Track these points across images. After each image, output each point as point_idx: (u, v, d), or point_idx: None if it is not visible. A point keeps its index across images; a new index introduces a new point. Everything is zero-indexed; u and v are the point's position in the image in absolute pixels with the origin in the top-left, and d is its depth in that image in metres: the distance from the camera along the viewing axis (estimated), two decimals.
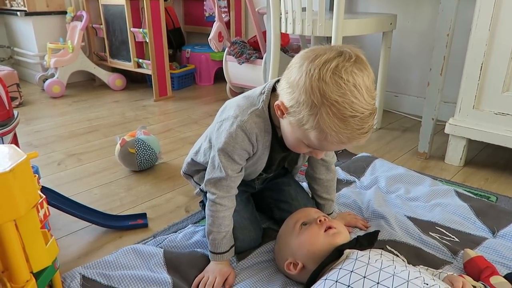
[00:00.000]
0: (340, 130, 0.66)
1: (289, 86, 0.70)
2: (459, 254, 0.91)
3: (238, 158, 0.83)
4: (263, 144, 0.83)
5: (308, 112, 0.67)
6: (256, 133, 0.81)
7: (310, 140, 0.72)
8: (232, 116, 0.81)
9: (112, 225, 1.07)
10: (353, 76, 0.65)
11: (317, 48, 0.70)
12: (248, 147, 0.82)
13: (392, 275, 0.64)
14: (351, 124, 0.66)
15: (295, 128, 0.73)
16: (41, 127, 1.91)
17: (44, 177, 1.37)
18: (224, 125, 0.82)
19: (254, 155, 0.85)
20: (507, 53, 1.24)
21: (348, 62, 0.65)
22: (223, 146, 0.81)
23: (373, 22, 1.58)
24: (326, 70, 0.65)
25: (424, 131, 1.49)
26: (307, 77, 0.66)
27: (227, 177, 0.83)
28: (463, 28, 1.50)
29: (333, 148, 0.74)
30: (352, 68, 0.65)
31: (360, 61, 0.67)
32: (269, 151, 0.86)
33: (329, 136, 0.68)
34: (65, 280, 0.82)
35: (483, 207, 1.10)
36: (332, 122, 0.66)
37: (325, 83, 0.65)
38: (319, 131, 0.68)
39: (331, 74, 0.65)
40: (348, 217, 1.05)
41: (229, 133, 0.80)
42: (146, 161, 1.38)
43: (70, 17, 2.57)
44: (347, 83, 0.64)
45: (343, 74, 0.64)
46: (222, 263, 0.87)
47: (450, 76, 1.69)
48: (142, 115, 2.09)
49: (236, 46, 2.19)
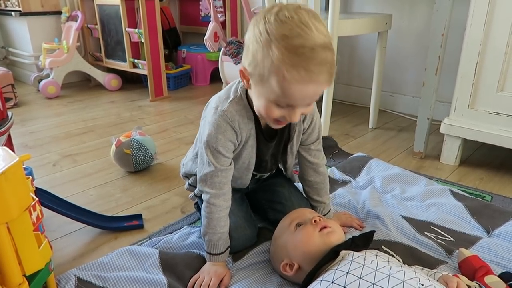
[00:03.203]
0: (295, 62, 0.66)
1: (245, 49, 0.73)
2: (454, 253, 0.91)
3: (223, 150, 0.83)
4: (247, 132, 0.84)
5: (261, 56, 0.69)
6: (237, 120, 0.82)
7: (275, 92, 0.71)
8: (213, 107, 0.84)
9: (108, 226, 1.07)
10: (297, 14, 0.67)
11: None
12: (232, 136, 0.83)
13: (387, 276, 0.65)
14: (305, 54, 0.66)
15: (259, 89, 0.74)
16: (36, 128, 1.90)
17: (39, 178, 1.36)
18: (207, 117, 0.85)
19: (239, 145, 0.86)
20: (501, 53, 1.25)
21: (291, 5, 0.69)
22: (207, 138, 0.82)
23: (369, 22, 1.58)
24: (270, 14, 0.69)
25: (419, 131, 1.50)
26: (255, 27, 0.70)
27: (217, 171, 0.83)
28: (458, 28, 1.50)
29: (298, 93, 0.70)
30: (296, 9, 0.68)
31: (307, 9, 0.70)
32: (256, 143, 0.87)
33: (287, 73, 0.67)
34: (59, 282, 0.82)
35: (478, 207, 1.11)
36: (284, 55, 0.66)
37: (270, 23, 0.68)
38: (276, 72, 0.68)
39: (275, 16, 0.68)
40: (343, 217, 1.05)
41: (211, 124, 0.82)
42: (141, 162, 1.38)
43: (65, 17, 2.56)
44: (292, 19, 0.67)
45: (286, 13, 0.67)
46: (217, 264, 0.87)
47: (445, 76, 1.69)
48: (138, 115, 2.09)
49: (231, 46, 2.18)
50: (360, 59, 2.18)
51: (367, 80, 1.96)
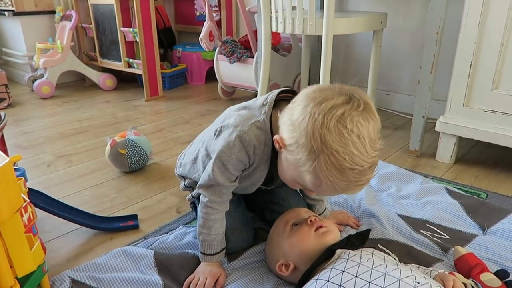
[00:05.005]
0: (337, 181, 0.64)
1: (291, 124, 0.67)
2: (449, 251, 0.91)
3: (232, 168, 0.80)
4: (260, 158, 0.81)
5: (306, 156, 0.65)
6: (254, 145, 0.78)
7: (305, 182, 0.70)
8: (232, 125, 0.79)
9: (103, 227, 1.06)
10: (358, 126, 0.62)
11: (326, 89, 0.67)
12: (245, 158, 0.79)
13: (383, 274, 0.64)
14: (348, 176, 0.64)
15: (291, 166, 0.71)
16: (30, 128, 1.89)
17: (34, 179, 1.35)
18: (224, 133, 0.80)
19: (250, 167, 0.83)
20: (496, 51, 1.25)
21: (356, 111, 0.63)
22: (218, 154, 0.79)
23: (364, 20, 1.58)
24: (331, 117, 0.62)
25: (415, 129, 1.50)
26: (310, 120, 0.63)
27: (219, 185, 0.82)
28: (453, 27, 1.50)
29: (326, 194, 0.73)
30: (359, 118, 0.62)
31: (368, 110, 0.64)
32: (269, 166, 0.83)
33: (324, 184, 0.66)
34: (54, 283, 0.81)
35: (474, 204, 1.11)
36: (329, 171, 0.63)
37: (328, 130, 0.62)
38: (314, 177, 0.66)
39: (335, 122, 0.62)
40: (339, 216, 1.05)
41: (227, 141, 0.78)
42: (137, 162, 1.37)
43: (59, 16, 2.54)
44: (351, 133, 0.62)
45: (348, 123, 0.62)
46: (212, 264, 0.86)
47: (441, 74, 1.70)
48: (133, 115, 2.08)
49: (227, 45, 2.17)
50: (356, 57, 2.18)
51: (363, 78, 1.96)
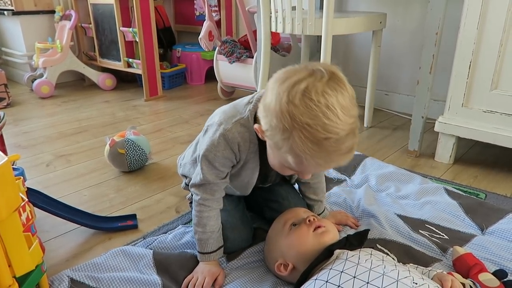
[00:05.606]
0: (315, 154, 0.63)
1: (264, 110, 0.68)
2: (448, 251, 0.91)
3: (219, 165, 0.81)
4: (247, 154, 0.81)
5: (281, 136, 0.65)
6: (238, 142, 0.78)
7: (290, 164, 0.70)
8: (216, 123, 0.80)
9: (101, 227, 1.06)
10: (324, 96, 0.61)
11: (290, 68, 0.67)
12: (231, 155, 0.80)
13: (381, 275, 0.64)
14: (325, 147, 0.63)
15: (274, 152, 0.72)
16: (29, 128, 1.89)
17: (33, 178, 1.35)
18: (209, 131, 0.82)
19: (238, 163, 0.84)
20: (495, 51, 1.25)
21: (320, 81, 0.62)
22: (204, 152, 0.81)
23: (363, 21, 1.58)
24: (295, 93, 0.62)
25: (414, 129, 1.50)
26: (277, 100, 0.64)
27: (209, 183, 0.83)
28: (452, 27, 1.50)
29: (312, 170, 0.72)
30: (324, 88, 0.62)
31: (334, 79, 0.64)
32: (261, 163, 0.84)
33: (305, 160, 0.65)
34: (52, 283, 0.81)
35: (472, 205, 1.11)
36: (305, 145, 0.63)
37: (294, 106, 0.62)
38: (294, 155, 0.66)
39: (300, 96, 0.62)
40: (338, 216, 1.05)
41: (212, 140, 0.79)
42: (136, 162, 1.37)
43: (59, 16, 2.54)
44: (319, 104, 0.61)
45: (313, 95, 0.61)
46: (211, 263, 0.86)
47: (440, 75, 1.70)
48: (133, 115, 2.08)
49: (226, 45, 2.17)
50: (355, 58, 2.18)
51: (362, 78, 1.96)
